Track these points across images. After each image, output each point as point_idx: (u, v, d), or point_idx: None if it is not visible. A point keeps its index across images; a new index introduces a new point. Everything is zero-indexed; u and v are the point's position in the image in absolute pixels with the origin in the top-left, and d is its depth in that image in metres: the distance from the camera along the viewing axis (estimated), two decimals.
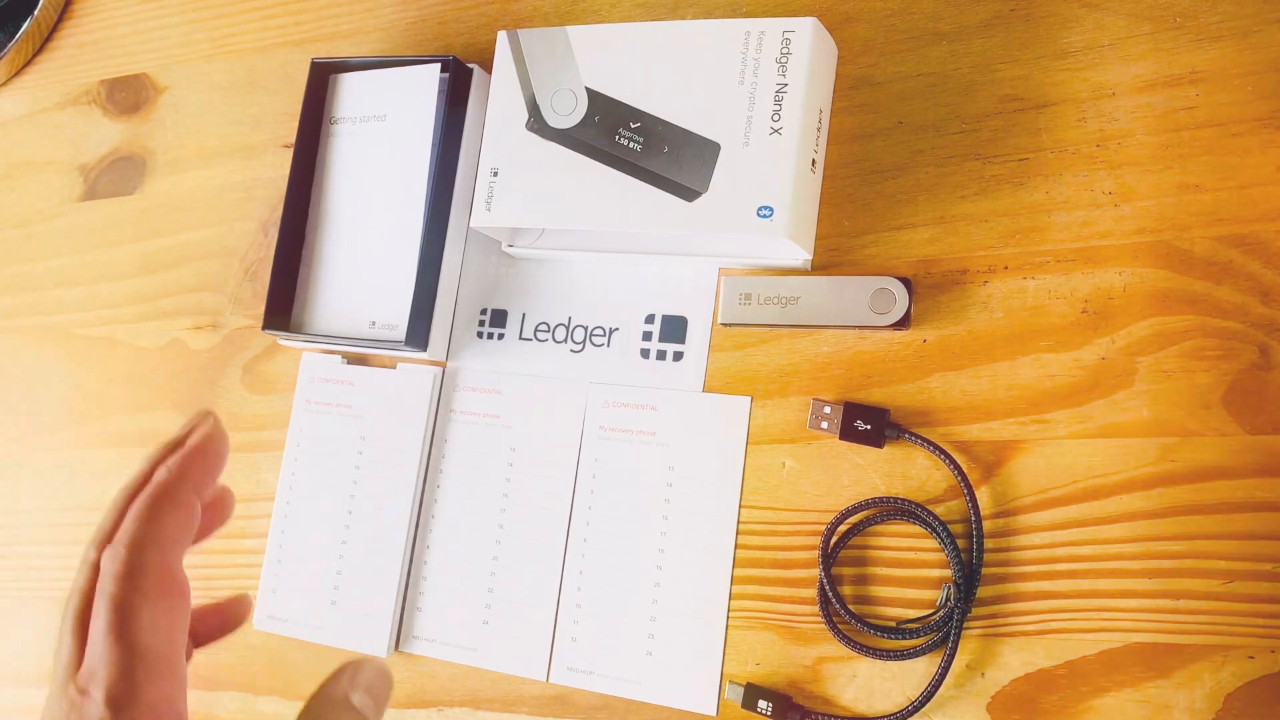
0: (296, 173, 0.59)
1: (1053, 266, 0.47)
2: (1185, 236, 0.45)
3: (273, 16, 0.67)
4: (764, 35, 0.48)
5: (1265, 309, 0.44)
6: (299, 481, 0.59)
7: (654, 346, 0.53)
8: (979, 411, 0.47)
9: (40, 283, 0.70)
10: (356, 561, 0.57)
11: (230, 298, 0.64)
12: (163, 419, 0.64)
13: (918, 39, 0.51)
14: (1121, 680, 0.44)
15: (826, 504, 0.49)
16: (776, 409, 0.51)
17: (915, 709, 0.46)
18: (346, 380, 0.59)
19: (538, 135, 0.51)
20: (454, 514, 0.56)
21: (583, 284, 0.55)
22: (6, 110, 0.74)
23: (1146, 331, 0.45)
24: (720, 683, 0.50)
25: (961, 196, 0.49)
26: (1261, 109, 0.45)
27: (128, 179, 0.69)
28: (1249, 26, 0.46)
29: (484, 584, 0.55)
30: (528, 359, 0.56)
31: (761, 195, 0.47)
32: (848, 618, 0.48)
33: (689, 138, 0.48)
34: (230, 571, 0.60)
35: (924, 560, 0.48)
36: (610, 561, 0.52)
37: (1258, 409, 0.43)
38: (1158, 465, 0.45)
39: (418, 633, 0.55)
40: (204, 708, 0.60)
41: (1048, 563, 0.46)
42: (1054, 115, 0.48)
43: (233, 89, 0.67)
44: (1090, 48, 0.48)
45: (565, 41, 0.51)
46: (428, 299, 0.56)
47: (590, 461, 0.54)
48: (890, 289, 0.48)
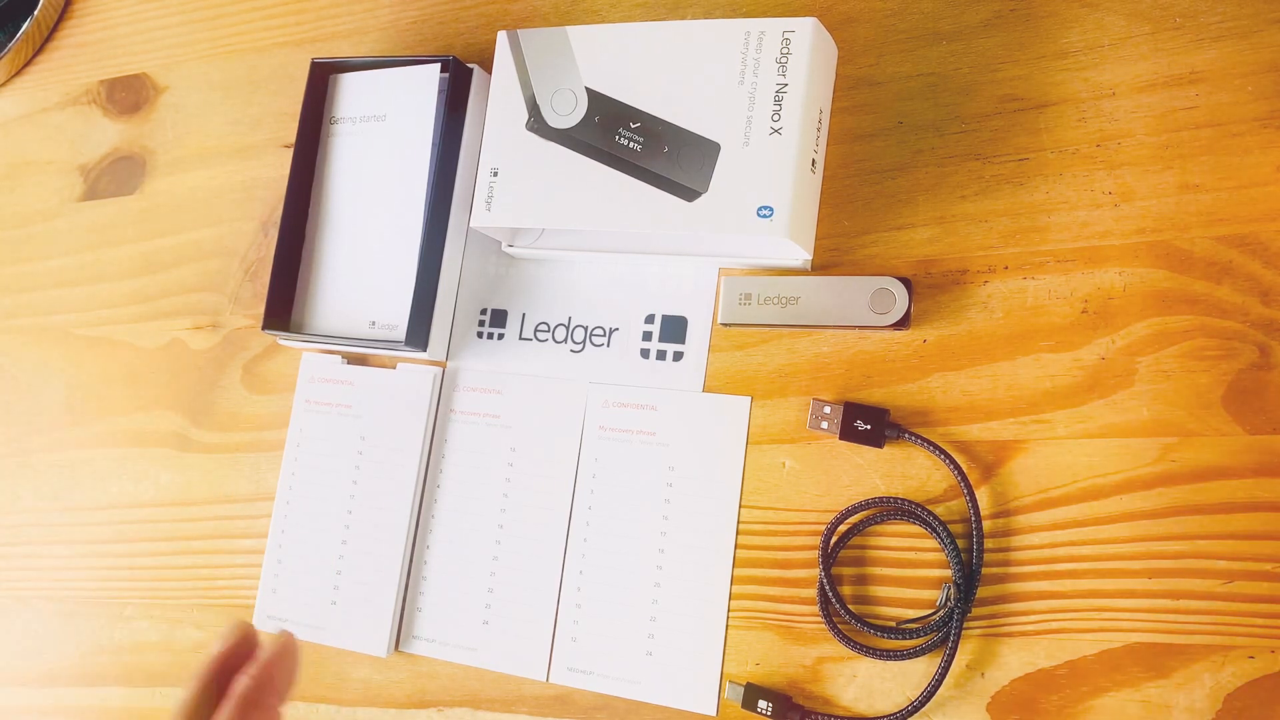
0: (296, 173, 0.59)
1: (1053, 266, 0.47)
2: (1185, 236, 0.45)
3: (273, 16, 0.67)
4: (764, 35, 0.48)
5: (1265, 309, 0.44)
6: (299, 481, 0.59)
7: (654, 346, 0.53)
8: (979, 411, 0.47)
9: (40, 283, 0.70)
10: (356, 561, 0.57)
11: (230, 298, 0.64)
12: (162, 419, 0.64)
13: (918, 39, 0.51)
14: (1121, 680, 0.44)
15: (826, 504, 0.49)
16: (776, 409, 0.51)
17: (915, 709, 0.46)
18: (346, 380, 0.59)
19: (538, 135, 0.51)
20: (454, 514, 0.56)
21: (583, 284, 0.55)
22: (6, 110, 0.74)
23: (1146, 331, 0.45)
24: (720, 683, 0.50)
25: (961, 196, 0.49)
26: (1261, 109, 0.45)
27: (128, 179, 0.69)
28: (1249, 26, 0.46)
29: (484, 584, 0.55)
30: (528, 359, 0.56)
31: (761, 195, 0.47)
32: (848, 618, 0.48)
33: (689, 138, 0.48)
34: (230, 571, 0.60)
35: (924, 560, 0.48)
36: (610, 561, 0.52)
37: (1258, 409, 0.43)
38: (1158, 465, 0.45)
39: (418, 633, 0.55)
40: None
41: (1048, 563, 0.46)
42: (1054, 115, 0.48)
43: (233, 89, 0.67)
44: (1090, 48, 0.48)
45: (565, 41, 0.51)
46: (428, 299, 0.56)
47: (590, 461, 0.54)
48: (890, 289, 0.48)
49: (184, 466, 0.63)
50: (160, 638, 0.62)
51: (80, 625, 0.64)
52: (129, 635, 0.62)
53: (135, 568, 0.63)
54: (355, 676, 0.56)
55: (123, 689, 0.62)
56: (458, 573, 0.55)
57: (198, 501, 0.62)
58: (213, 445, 0.62)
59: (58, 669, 0.64)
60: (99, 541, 0.64)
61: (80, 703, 0.63)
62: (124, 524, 0.64)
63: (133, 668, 0.62)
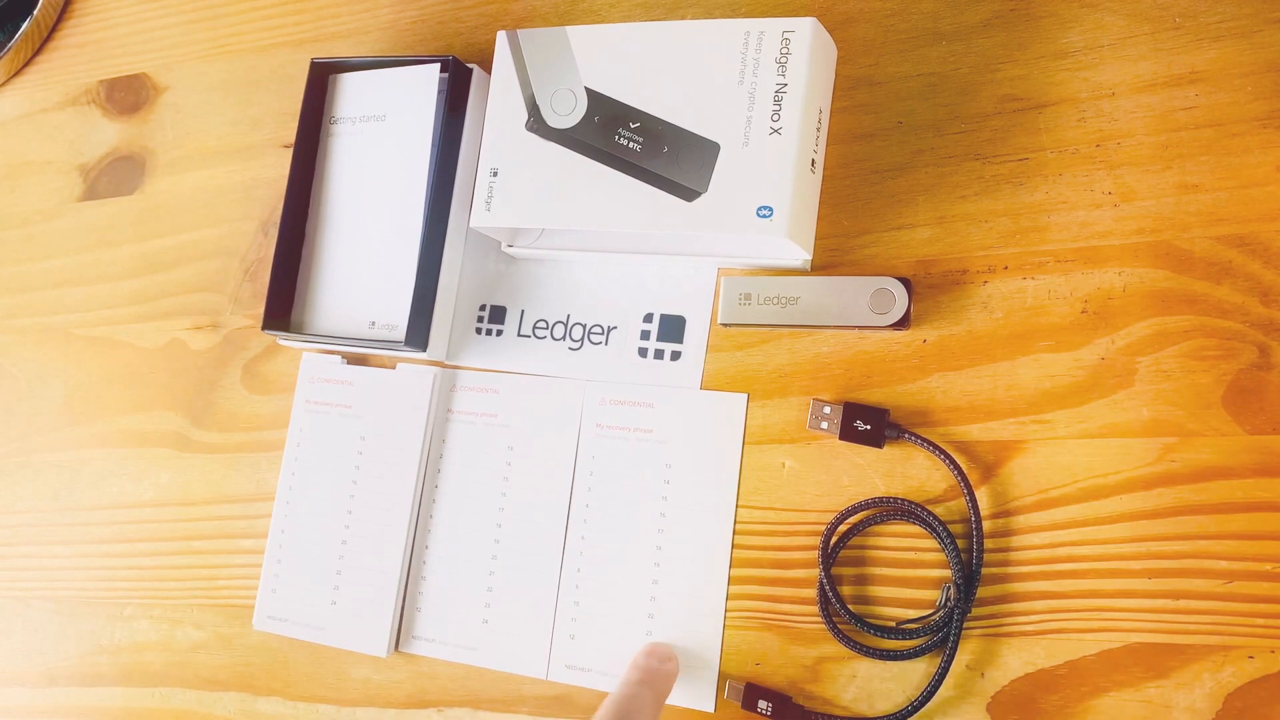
0: (296, 173, 0.59)
1: (1053, 266, 0.47)
2: (1185, 236, 0.45)
3: (272, 16, 0.67)
4: (764, 35, 0.48)
5: (1265, 309, 0.44)
6: (299, 481, 0.59)
7: (652, 345, 0.54)
8: (979, 411, 0.47)
9: (40, 283, 0.70)
10: (356, 561, 0.57)
11: (230, 298, 0.64)
12: (162, 419, 0.64)
13: (918, 39, 0.51)
14: (1121, 680, 0.44)
15: (826, 504, 0.49)
16: (776, 409, 0.51)
17: (915, 709, 0.46)
18: (346, 380, 0.59)
19: (537, 135, 0.51)
20: (453, 514, 0.56)
21: (582, 282, 0.56)
22: (6, 110, 0.74)
23: (1146, 331, 0.45)
24: (718, 681, 0.50)
25: (961, 196, 0.49)
26: (1261, 109, 0.45)
27: (128, 179, 0.69)
28: (1249, 26, 0.46)
29: (483, 583, 0.55)
30: (526, 356, 0.56)
31: (761, 195, 0.47)
32: (848, 618, 0.48)
33: (689, 138, 0.48)
34: (230, 571, 0.60)
35: (924, 560, 0.48)
36: (608, 558, 0.52)
37: (1258, 409, 0.43)
38: (1158, 465, 0.45)
39: (418, 633, 0.55)
40: (204, 708, 0.60)
41: (1048, 563, 0.46)
42: (1054, 115, 0.48)
43: (233, 89, 0.67)
44: (1090, 48, 0.48)
45: (565, 41, 0.51)
46: (427, 299, 0.56)
47: (588, 459, 0.54)
48: (890, 289, 0.48)
49: (184, 466, 0.63)
50: (160, 638, 0.62)
51: (80, 625, 0.64)
52: (129, 635, 0.62)
53: (135, 568, 0.63)
54: (355, 676, 0.57)
55: (123, 689, 0.62)
56: (457, 572, 0.55)
57: (198, 501, 0.62)
58: (213, 445, 0.62)
59: (58, 669, 0.64)
60: (99, 541, 0.64)
61: (80, 703, 0.63)
62: (124, 524, 0.64)
63: (133, 668, 0.62)
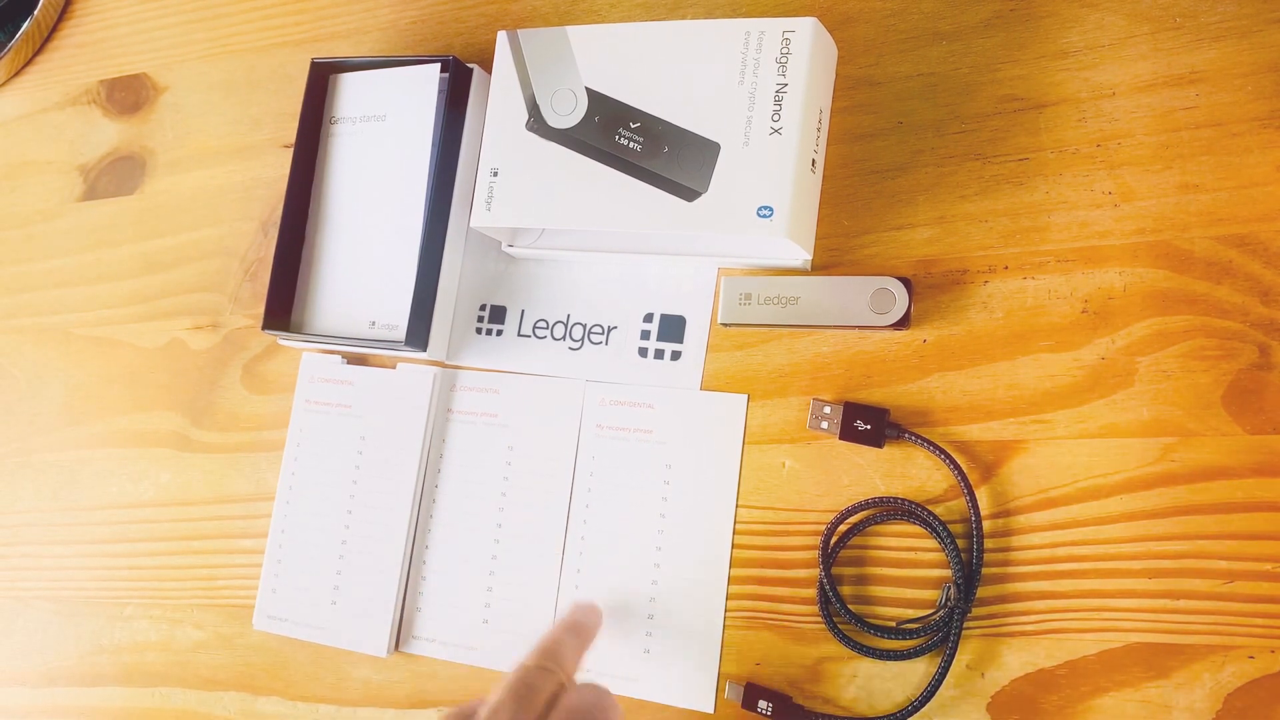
0: (296, 173, 0.59)
1: (1053, 266, 0.47)
2: (1185, 236, 0.45)
3: (272, 16, 0.67)
4: (764, 35, 0.48)
5: (1265, 309, 0.44)
6: (299, 481, 0.59)
7: (652, 345, 0.54)
8: (979, 411, 0.47)
9: (40, 283, 0.70)
10: (356, 561, 0.57)
11: (230, 298, 0.64)
12: (163, 419, 0.64)
13: (918, 39, 0.51)
14: (1121, 680, 0.44)
15: (826, 504, 0.49)
16: (776, 409, 0.51)
17: (915, 709, 0.46)
18: (346, 380, 0.59)
19: (538, 135, 0.51)
20: (453, 513, 0.56)
21: (582, 282, 0.56)
22: (6, 110, 0.74)
23: (1146, 331, 0.45)
24: (718, 681, 0.50)
25: (961, 196, 0.49)
26: (1261, 109, 0.45)
27: (128, 179, 0.69)
28: (1249, 26, 0.46)
29: (483, 583, 0.55)
30: (526, 356, 0.56)
31: (761, 195, 0.47)
32: (848, 618, 0.48)
33: (689, 138, 0.48)
34: (230, 571, 0.60)
35: (924, 560, 0.48)
36: (607, 558, 0.52)
37: (1258, 409, 0.43)
38: (1158, 465, 0.45)
39: (418, 633, 0.55)
40: (204, 708, 0.60)
41: (1048, 563, 0.46)
42: (1054, 115, 0.48)
43: (233, 89, 0.67)
44: (1090, 48, 0.48)
45: (565, 41, 0.51)
46: (427, 299, 0.56)
47: (588, 459, 0.54)
48: (890, 289, 0.48)
49: (184, 466, 0.63)
50: (160, 638, 0.62)
51: (80, 625, 0.64)
52: (129, 635, 0.62)
53: (135, 568, 0.63)
54: (355, 676, 0.56)
55: (123, 689, 0.62)
56: (457, 572, 0.55)
57: (198, 501, 0.62)
58: (213, 445, 0.62)
59: (57, 669, 0.64)
60: (99, 541, 0.64)
61: (80, 703, 0.63)
62: (124, 524, 0.64)
63: (133, 668, 0.62)
